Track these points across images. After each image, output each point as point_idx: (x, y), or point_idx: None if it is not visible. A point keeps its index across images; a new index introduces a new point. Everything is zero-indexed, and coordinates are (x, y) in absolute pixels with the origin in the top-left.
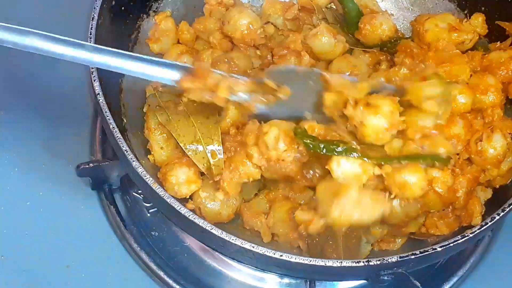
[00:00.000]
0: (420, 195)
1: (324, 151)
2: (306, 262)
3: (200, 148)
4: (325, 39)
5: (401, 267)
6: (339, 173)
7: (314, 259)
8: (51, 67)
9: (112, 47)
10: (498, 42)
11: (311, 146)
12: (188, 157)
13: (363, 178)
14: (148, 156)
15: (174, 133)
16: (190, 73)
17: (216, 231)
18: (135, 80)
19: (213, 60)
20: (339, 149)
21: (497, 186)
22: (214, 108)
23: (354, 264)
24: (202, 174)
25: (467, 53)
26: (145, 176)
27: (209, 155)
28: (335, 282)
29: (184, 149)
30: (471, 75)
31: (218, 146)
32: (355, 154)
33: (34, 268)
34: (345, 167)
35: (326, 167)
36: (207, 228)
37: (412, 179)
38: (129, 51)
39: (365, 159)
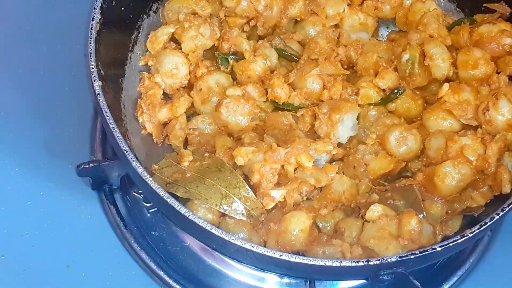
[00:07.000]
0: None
1: None
2: (305, 261)
3: (233, 201)
4: None
5: (400, 267)
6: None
7: (314, 259)
8: (52, 66)
9: (112, 47)
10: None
11: None
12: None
13: None
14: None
15: (201, 200)
16: None
17: (216, 231)
18: (135, 80)
19: None
20: None
21: None
22: (218, 159)
23: (353, 264)
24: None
25: (454, 28)
26: (145, 176)
27: (243, 204)
28: (335, 282)
29: (220, 210)
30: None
31: (246, 190)
32: None
33: (34, 268)
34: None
35: None
36: (207, 228)
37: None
38: (129, 51)
39: None
